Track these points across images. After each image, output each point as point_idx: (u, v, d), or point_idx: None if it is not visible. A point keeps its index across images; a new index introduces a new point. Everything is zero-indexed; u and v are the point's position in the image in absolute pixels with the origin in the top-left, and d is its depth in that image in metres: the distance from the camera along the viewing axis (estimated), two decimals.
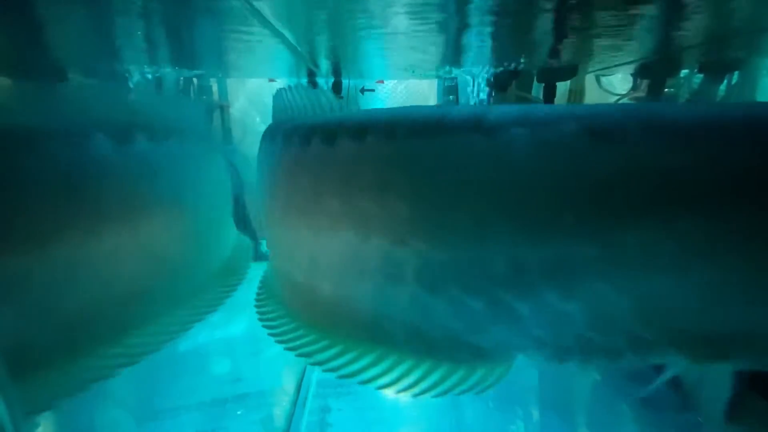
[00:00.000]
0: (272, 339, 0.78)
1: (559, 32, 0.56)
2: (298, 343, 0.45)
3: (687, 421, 0.58)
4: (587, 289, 0.31)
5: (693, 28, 0.52)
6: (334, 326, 0.42)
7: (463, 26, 0.48)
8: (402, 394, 0.64)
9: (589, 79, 0.92)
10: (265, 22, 0.47)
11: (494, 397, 0.65)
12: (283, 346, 0.45)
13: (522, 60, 0.74)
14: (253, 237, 1.25)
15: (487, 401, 0.64)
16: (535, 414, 0.61)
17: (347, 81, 1.16)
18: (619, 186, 0.29)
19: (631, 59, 0.73)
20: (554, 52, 0.65)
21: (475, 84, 0.94)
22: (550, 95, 0.79)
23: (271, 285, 0.57)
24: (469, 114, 0.34)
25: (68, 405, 0.61)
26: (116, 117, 0.49)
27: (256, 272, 1.16)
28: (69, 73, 0.72)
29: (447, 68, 0.92)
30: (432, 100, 1.25)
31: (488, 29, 0.50)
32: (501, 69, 0.81)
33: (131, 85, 0.80)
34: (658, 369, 0.69)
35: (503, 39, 0.57)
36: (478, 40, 0.57)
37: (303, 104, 0.51)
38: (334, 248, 0.40)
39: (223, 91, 1.19)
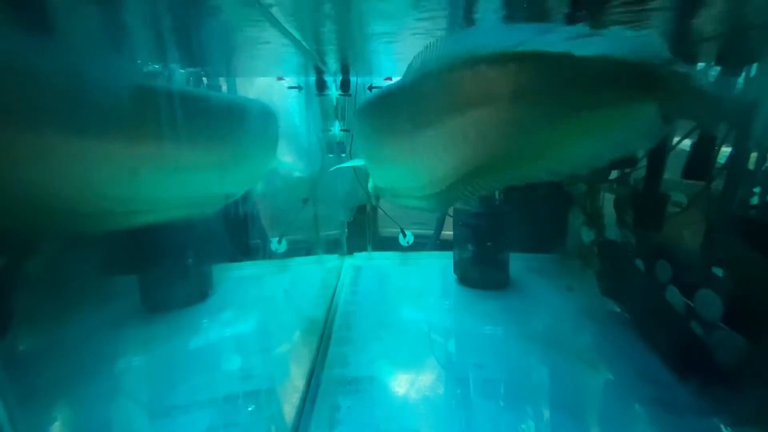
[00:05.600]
0: (281, 336, 0.78)
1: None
2: None
3: (704, 426, 0.57)
4: None
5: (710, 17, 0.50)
6: None
7: None
8: (410, 392, 0.64)
9: None
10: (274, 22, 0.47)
11: (505, 397, 0.64)
12: None
13: None
14: (263, 236, 1.26)
15: (498, 400, 0.63)
16: (546, 413, 0.60)
17: (355, 78, 1.16)
18: None
19: None
20: None
21: None
22: None
23: None
24: None
25: (82, 401, 0.62)
26: None
27: (263, 271, 1.17)
28: None
29: None
30: None
31: None
32: None
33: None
34: (673, 371, 0.67)
35: None
36: None
37: None
38: None
39: (232, 90, 1.20)
